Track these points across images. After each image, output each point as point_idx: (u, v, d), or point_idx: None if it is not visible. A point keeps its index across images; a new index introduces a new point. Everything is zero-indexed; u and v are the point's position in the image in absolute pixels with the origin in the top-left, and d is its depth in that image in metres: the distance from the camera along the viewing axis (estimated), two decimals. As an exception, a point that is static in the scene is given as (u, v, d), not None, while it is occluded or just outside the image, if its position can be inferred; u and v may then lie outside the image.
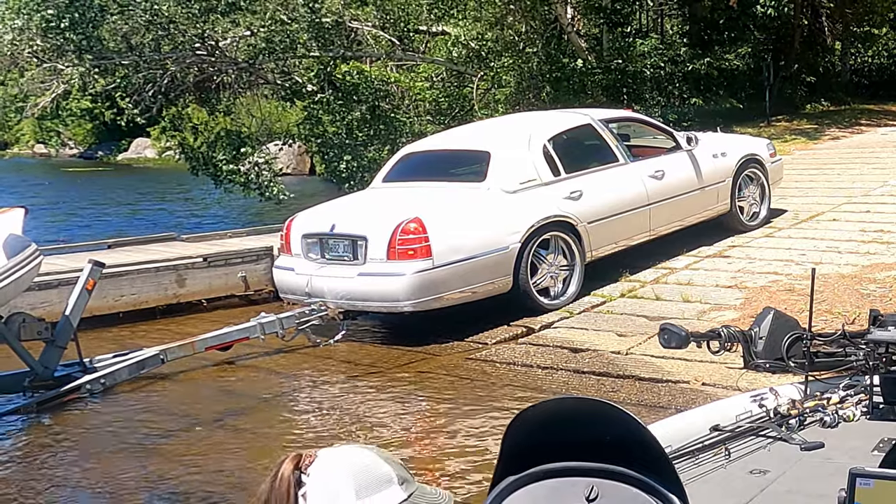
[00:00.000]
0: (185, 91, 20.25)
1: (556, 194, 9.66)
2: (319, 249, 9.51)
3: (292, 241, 9.76)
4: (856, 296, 8.83)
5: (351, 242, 9.23)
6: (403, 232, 8.85)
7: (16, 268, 7.64)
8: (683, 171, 10.85)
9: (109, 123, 41.58)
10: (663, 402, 7.20)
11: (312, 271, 9.41)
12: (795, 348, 4.01)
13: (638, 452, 2.24)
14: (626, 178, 10.32)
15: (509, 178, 9.57)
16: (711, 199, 11.17)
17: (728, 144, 11.86)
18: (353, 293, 9.12)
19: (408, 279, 8.78)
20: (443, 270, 8.86)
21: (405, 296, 8.86)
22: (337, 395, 8.24)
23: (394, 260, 8.86)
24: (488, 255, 9.07)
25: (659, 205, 10.46)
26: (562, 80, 19.05)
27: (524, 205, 9.42)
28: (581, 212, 9.70)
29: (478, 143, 10.41)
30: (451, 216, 9.30)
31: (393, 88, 19.16)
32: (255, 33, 18.64)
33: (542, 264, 9.47)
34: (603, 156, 10.39)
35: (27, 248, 7.86)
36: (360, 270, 9.07)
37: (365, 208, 9.97)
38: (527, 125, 10.88)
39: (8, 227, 8.00)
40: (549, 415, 2.23)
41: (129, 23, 18.03)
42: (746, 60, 22.13)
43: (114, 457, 7.06)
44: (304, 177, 28.62)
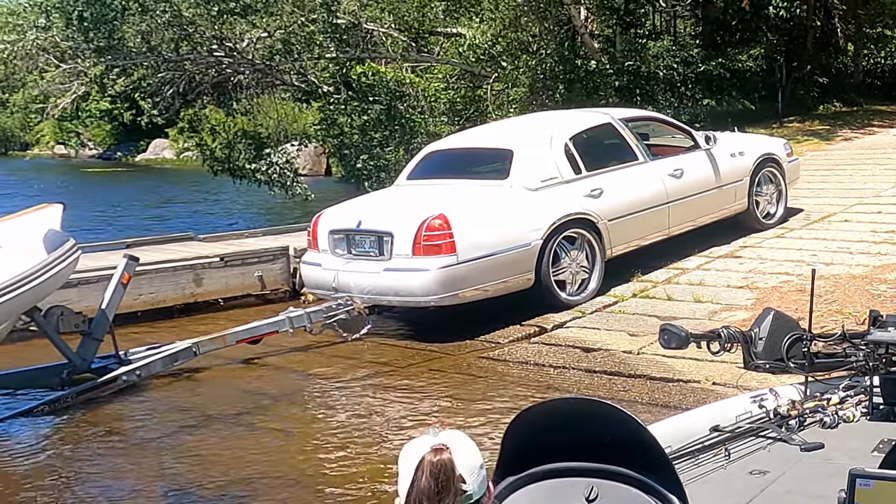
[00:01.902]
0: (202, 92, 20.39)
1: (577, 192, 9.79)
2: (346, 245, 9.67)
3: (319, 236, 9.93)
4: (866, 296, 8.85)
5: (377, 238, 9.39)
6: (429, 228, 9.00)
7: (56, 262, 7.84)
8: (702, 170, 10.97)
9: (128, 124, 41.80)
10: (674, 401, 7.23)
11: (339, 266, 9.57)
12: (795, 349, 4.01)
13: (638, 453, 2.33)
14: (645, 176, 10.44)
15: (531, 175, 9.72)
16: (729, 197, 11.28)
17: (745, 144, 11.96)
18: (379, 288, 9.27)
19: (433, 274, 8.95)
20: (467, 266, 9.01)
21: (430, 291, 9.02)
22: (349, 394, 8.30)
23: (419, 255, 9.02)
24: (511, 252, 9.21)
25: (677, 203, 10.58)
26: (575, 82, 19.07)
27: (546, 202, 9.57)
28: (601, 209, 9.83)
29: (500, 142, 10.53)
30: (474, 213, 9.43)
31: (408, 89, 19.23)
32: (272, 34, 18.76)
33: (563, 261, 9.59)
34: (623, 154, 10.52)
35: (66, 243, 8.07)
36: (386, 266, 9.23)
37: (390, 205, 10.11)
38: (548, 124, 11.01)
39: (47, 222, 8.21)
40: (549, 415, 2.32)
41: (148, 23, 18.18)
42: (759, 61, 22.10)
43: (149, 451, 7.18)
44: (320, 178, 28.70)
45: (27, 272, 7.61)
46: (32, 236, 7.96)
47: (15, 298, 7.56)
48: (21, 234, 8.03)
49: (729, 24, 21.64)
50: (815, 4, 22.71)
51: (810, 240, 11.21)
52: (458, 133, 12.34)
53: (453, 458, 2.22)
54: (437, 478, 2.20)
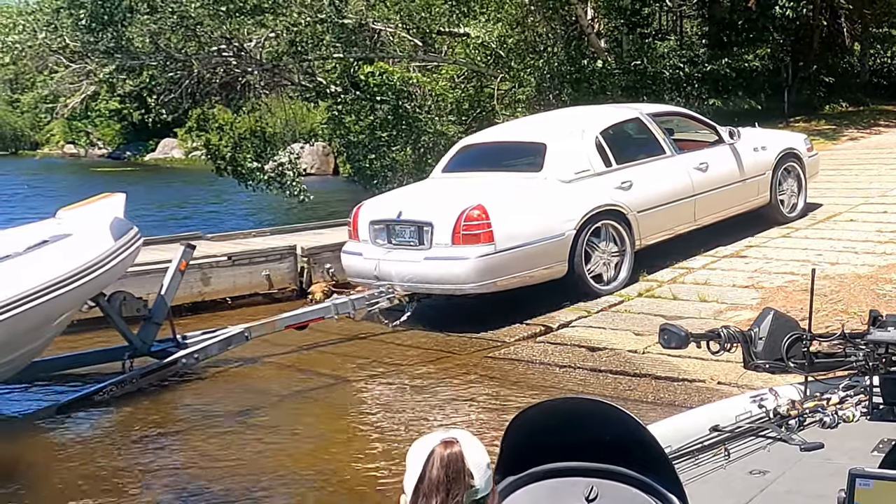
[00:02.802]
0: (210, 92, 20.43)
1: (608, 184, 10.06)
2: (386, 235, 9.94)
3: (360, 227, 10.20)
4: (872, 296, 8.86)
5: (417, 228, 9.65)
6: (468, 218, 9.28)
7: (122, 249, 8.16)
8: (726, 164, 11.24)
9: (137, 124, 41.93)
10: (679, 400, 7.26)
11: (380, 255, 9.85)
12: (795, 349, 4.01)
13: (637, 452, 2.36)
14: (672, 169, 10.71)
15: (565, 168, 9.98)
16: (752, 191, 11.55)
17: (768, 139, 12.24)
18: (420, 276, 9.54)
19: (472, 263, 9.21)
20: (504, 255, 9.28)
21: (469, 278, 9.29)
22: (354, 393, 8.36)
23: (458, 245, 9.28)
24: (546, 242, 9.48)
25: (703, 195, 10.84)
26: (582, 81, 19.08)
27: (578, 194, 9.83)
28: (631, 201, 10.10)
29: (534, 136, 10.79)
30: (511, 204, 9.67)
31: (415, 89, 19.24)
32: (279, 34, 18.78)
33: (595, 251, 9.88)
34: (651, 148, 10.79)
35: (130, 231, 8.41)
36: (426, 255, 9.49)
37: (429, 196, 10.34)
38: (580, 118, 11.30)
39: (112, 210, 8.51)
40: (549, 415, 2.35)
41: (157, 23, 18.23)
42: (765, 61, 22.05)
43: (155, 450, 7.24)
44: (328, 177, 28.74)
45: (97, 258, 7.91)
46: (100, 224, 8.25)
47: (88, 283, 7.86)
48: (89, 221, 8.28)
49: (735, 23, 21.63)
50: (822, 4, 22.68)
51: (816, 239, 11.22)
52: (491, 128, 12.61)
53: (463, 452, 2.26)
54: (448, 469, 2.23)
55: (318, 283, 11.71)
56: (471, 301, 10.10)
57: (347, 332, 9.97)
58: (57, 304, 7.67)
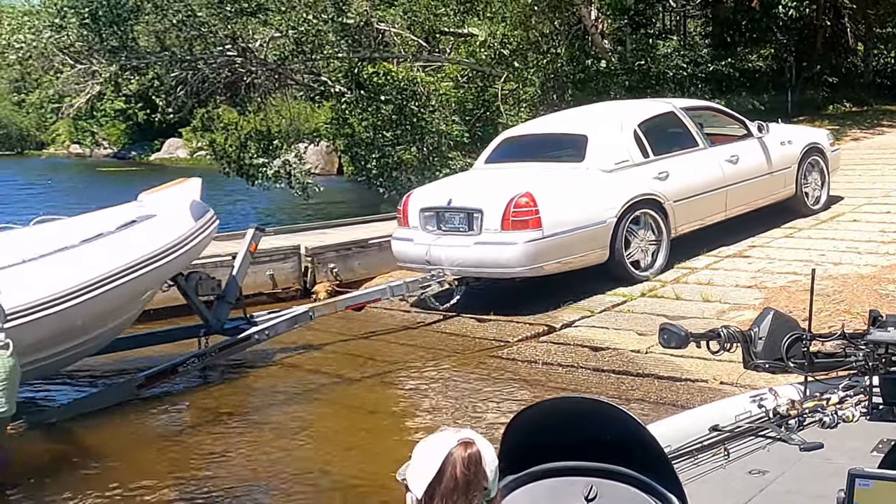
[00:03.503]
0: (215, 92, 20.46)
1: (646, 174, 10.43)
2: (436, 222, 10.32)
3: (410, 214, 10.59)
4: (875, 296, 8.85)
5: (467, 215, 10.02)
6: (517, 205, 9.62)
7: (201, 230, 8.60)
8: (755, 157, 11.63)
9: (143, 124, 41.94)
10: (682, 400, 7.27)
11: (431, 241, 10.24)
12: (795, 349, 4.02)
13: (637, 452, 2.37)
14: (705, 161, 11.09)
15: (605, 158, 10.35)
16: (779, 183, 11.95)
17: (793, 133, 12.73)
18: (470, 261, 9.95)
19: (520, 248, 9.57)
20: (551, 240, 9.65)
21: (518, 263, 9.67)
22: (358, 392, 8.37)
23: (507, 230, 9.64)
24: (589, 228, 9.87)
25: (734, 187, 11.24)
26: (586, 81, 19.08)
27: (619, 183, 10.21)
28: (667, 191, 10.49)
29: (575, 128, 11.16)
30: (557, 191, 9.99)
31: (419, 89, 19.25)
32: (284, 34, 18.81)
33: (634, 238, 10.25)
34: (685, 141, 11.17)
35: (207, 213, 8.83)
36: (476, 240, 9.87)
37: (478, 185, 10.68)
38: (618, 112, 11.74)
39: (191, 194, 8.94)
40: (548, 414, 2.36)
41: (162, 23, 18.26)
42: (768, 61, 22.05)
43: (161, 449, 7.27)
44: (331, 177, 28.71)
45: (181, 238, 8.35)
46: (181, 206, 8.68)
47: (173, 261, 8.30)
48: (171, 204, 8.71)
49: (739, 23, 21.61)
50: (825, 4, 22.66)
51: (819, 239, 11.24)
52: (530, 121, 13.03)
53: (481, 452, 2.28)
54: (469, 470, 2.25)
55: (322, 282, 11.75)
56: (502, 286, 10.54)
57: (349, 331, 10.01)
58: (146, 279, 8.14)
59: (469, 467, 2.25)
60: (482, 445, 2.31)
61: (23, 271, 7.47)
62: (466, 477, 2.25)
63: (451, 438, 2.31)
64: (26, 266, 7.56)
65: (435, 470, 2.27)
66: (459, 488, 2.24)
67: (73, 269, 7.59)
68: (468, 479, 2.25)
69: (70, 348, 7.94)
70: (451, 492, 2.24)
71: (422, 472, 2.30)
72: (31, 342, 7.17)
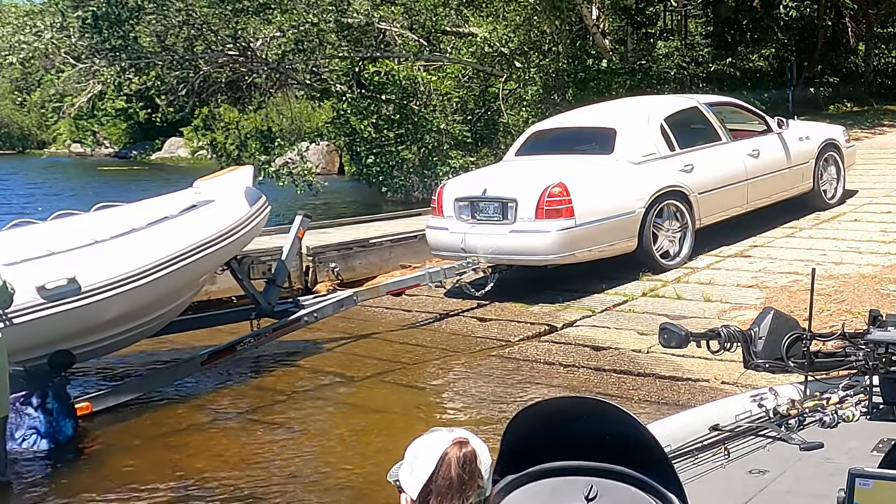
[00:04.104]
0: (217, 91, 20.48)
1: (673, 167, 10.73)
2: (470, 211, 10.60)
3: (445, 204, 10.86)
4: (876, 296, 8.85)
5: (501, 205, 10.30)
6: (550, 195, 9.90)
7: (256, 214, 8.94)
8: (775, 152, 11.94)
9: (144, 123, 41.98)
10: (683, 399, 7.26)
11: (466, 230, 10.51)
12: (795, 348, 4.02)
13: (637, 452, 2.37)
14: (728, 155, 11.41)
15: (634, 151, 10.66)
16: (798, 177, 12.27)
17: (810, 129, 13.03)
18: (505, 248, 10.22)
19: (553, 236, 9.85)
20: (583, 229, 9.94)
21: (551, 250, 9.96)
22: (359, 392, 8.38)
23: (541, 219, 9.92)
24: (619, 218, 10.17)
25: (755, 180, 11.54)
26: (587, 81, 19.10)
27: (647, 175, 10.50)
28: (692, 183, 10.78)
29: (604, 121, 11.44)
30: (588, 182, 10.29)
31: (421, 88, 19.28)
32: (285, 33, 18.83)
33: (661, 229, 10.57)
34: (708, 135, 11.48)
35: (261, 199, 9.18)
36: (511, 228, 10.14)
37: (511, 176, 10.93)
38: (645, 106, 12.08)
39: (245, 180, 9.33)
40: (548, 414, 2.36)
41: (163, 22, 18.28)
42: (769, 61, 22.07)
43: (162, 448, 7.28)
44: (332, 176, 28.71)
45: (238, 221, 8.66)
46: (237, 192, 9.02)
47: (232, 243, 8.62)
48: (227, 190, 9.04)
49: (740, 23, 21.62)
50: (826, 4, 22.67)
51: (820, 239, 11.25)
52: (556, 116, 13.26)
53: (476, 451, 2.28)
54: (464, 470, 2.24)
55: (324, 281, 11.76)
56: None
57: (350, 331, 10.01)
58: (207, 261, 8.46)
59: (464, 466, 2.25)
60: (476, 444, 2.31)
61: (97, 251, 7.80)
62: (462, 476, 2.24)
63: (445, 438, 2.31)
64: (100, 246, 7.89)
65: (430, 470, 2.26)
66: (455, 487, 2.24)
67: (143, 250, 7.92)
68: (463, 479, 2.24)
69: (136, 326, 8.24)
70: (447, 491, 2.24)
71: (416, 472, 2.29)
72: (105, 319, 7.63)
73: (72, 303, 7.29)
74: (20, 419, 6.93)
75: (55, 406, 7.09)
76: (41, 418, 7.02)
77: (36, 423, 7.01)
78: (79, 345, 7.58)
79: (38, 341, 7.18)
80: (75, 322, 7.39)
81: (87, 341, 7.70)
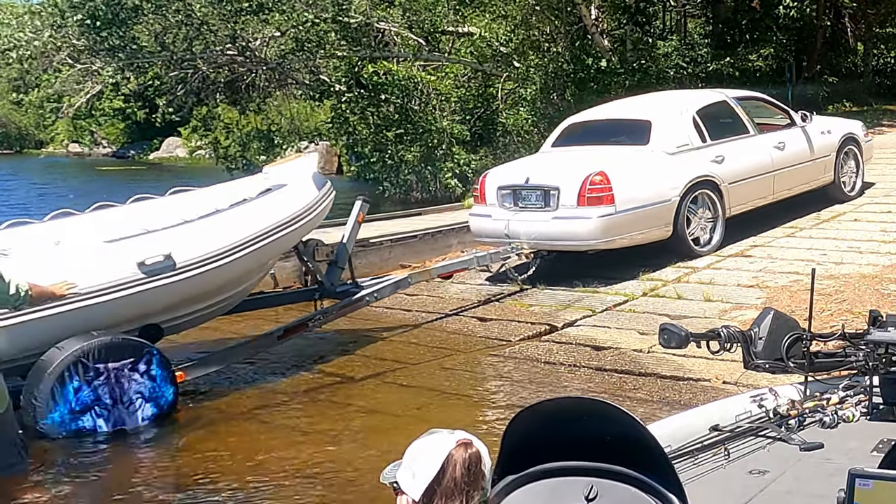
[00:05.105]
0: (216, 91, 20.49)
1: (705, 157, 11.14)
2: (512, 199, 10.98)
3: (487, 192, 11.27)
4: (877, 296, 8.87)
5: (543, 192, 10.69)
6: (592, 183, 10.30)
7: (323, 198, 9.33)
8: (800, 145, 12.34)
9: (142, 123, 41.98)
10: (684, 399, 7.26)
11: (509, 217, 10.90)
12: (795, 349, 4.01)
13: (637, 452, 2.37)
14: (756, 147, 11.81)
15: (668, 142, 11.06)
16: (819, 170, 12.67)
17: (831, 124, 13.53)
18: (547, 234, 10.61)
19: (595, 222, 10.25)
20: (622, 216, 10.34)
21: (593, 236, 10.38)
22: (361, 392, 8.37)
23: (583, 206, 10.32)
24: (655, 206, 10.57)
25: (781, 172, 11.93)
26: (586, 81, 19.11)
27: (681, 165, 10.90)
28: (723, 173, 11.18)
29: (639, 114, 11.84)
30: (627, 171, 10.66)
31: (420, 87, 19.28)
32: (284, 33, 18.83)
33: (694, 217, 10.94)
34: (737, 128, 11.89)
35: (327, 184, 9.61)
36: (553, 215, 10.51)
37: (552, 165, 11.30)
38: (677, 100, 12.59)
39: (311, 166, 9.77)
40: (548, 414, 2.36)
41: (162, 23, 18.28)
42: (769, 61, 22.06)
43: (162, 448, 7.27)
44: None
45: (309, 205, 9.05)
46: (306, 177, 9.41)
47: (304, 226, 9.03)
48: (297, 175, 9.40)
49: (739, 23, 21.63)
50: (826, 4, 22.68)
51: (820, 239, 11.26)
52: (591, 109, 13.49)
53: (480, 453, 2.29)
54: (469, 471, 2.26)
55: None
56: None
57: (350, 331, 10.01)
58: (283, 241, 8.89)
59: (470, 468, 2.26)
60: (479, 446, 2.31)
61: (188, 230, 8.24)
62: (467, 478, 2.25)
63: (448, 439, 2.31)
64: (190, 225, 8.33)
65: (434, 471, 2.27)
66: (460, 489, 2.25)
67: (229, 229, 8.35)
68: (468, 481, 2.25)
69: (218, 302, 8.65)
70: (452, 493, 2.24)
71: (419, 473, 2.29)
72: (194, 294, 8.08)
73: (167, 278, 7.75)
74: (128, 385, 7.35)
75: (158, 373, 7.51)
76: (146, 384, 7.45)
77: (142, 388, 7.44)
78: (166, 319, 8.04)
79: (136, 314, 7.71)
80: (169, 296, 7.86)
81: (174, 315, 8.15)
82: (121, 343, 7.34)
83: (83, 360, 7.09)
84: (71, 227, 8.68)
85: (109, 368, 7.19)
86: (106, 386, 7.22)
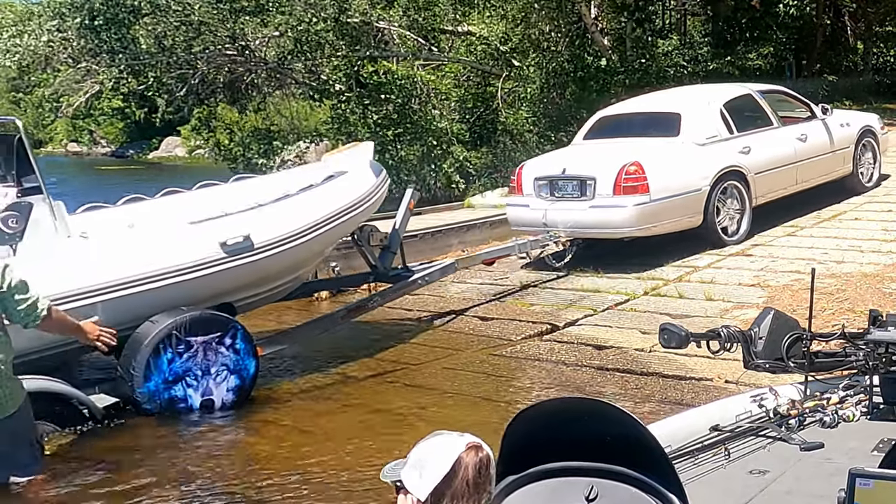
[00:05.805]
0: (215, 91, 20.48)
1: (733, 148, 11.44)
2: (549, 189, 11.29)
3: (524, 183, 11.59)
4: (878, 295, 8.86)
5: (579, 183, 10.99)
6: (627, 173, 10.60)
7: (381, 185, 9.67)
8: (821, 136, 12.64)
9: (141, 122, 41.95)
10: (686, 398, 7.26)
11: (546, 206, 11.20)
12: (795, 348, 4.01)
13: (637, 452, 2.37)
14: (780, 139, 12.12)
15: (698, 133, 11.37)
16: (839, 161, 12.94)
17: (849, 117, 13.88)
18: (584, 223, 10.93)
19: (630, 210, 10.55)
20: (656, 204, 10.63)
21: (628, 224, 10.69)
22: (362, 392, 8.37)
23: (619, 195, 10.61)
24: (687, 195, 10.87)
25: (803, 163, 12.24)
26: (586, 79, 19.09)
27: (710, 156, 11.22)
28: (750, 164, 11.47)
29: (669, 107, 12.17)
30: (660, 161, 10.93)
31: (419, 87, 19.27)
32: (283, 34, 18.82)
33: (723, 206, 11.23)
34: (762, 120, 12.22)
35: (383, 171, 10.00)
36: (590, 204, 10.82)
37: (587, 156, 11.59)
38: (704, 93, 12.93)
39: (366, 155, 10.04)
40: (549, 415, 2.37)
41: (161, 24, 18.27)
42: (768, 59, 22.03)
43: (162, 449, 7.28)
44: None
45: (368, 191, 9.38)
46: (364, 164, 9.74)
47: (364, 210, 9.33)
48: (355, 162, 9.73)
49: (739, 22, 21.60)
50: (825, 3, 22.65)
51: (821, 238, 11.25)
52: (621, 102, 13.82)
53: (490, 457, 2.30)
54: (481, 475, 2.27)
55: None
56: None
57: (351, 330, 10.01)
58: (346, 225, 9.24)
59: (481, 471, 2.27)
60: (488, 450, 2.33)
61: (263, 213, 8.61)
62: (478, 481, 2.26)
63: (458, 442, 2.31)
64: (265, 209, 8.70)
65: (443, 473, 2.26)
66: (470, 492, 2.25)
67: (299, 212, 8.71)
68: (479, 483, 2.26)
69: (284, 283, 8.98)
70: (461, 495, 2.25)
71: (427, 474, 2.28)
72: (268, 274, 8.47)
73: (247, 257, 8.12)
74: (214, 357, 7.75)
75: (242, 346, 7.89)
76: (231, 357, 7.83)
77: (227, 360, 7.82)
78: (239, 298, 8.41)
79: (215, 292, 8.08)
80: (246, 276, 8.23)
81: (247, 294, 8.52)
82: (209, 317, 7.79)
83: (176, 333, 7.54)
84: (144, 210, 9.24)
85: (198, 341, 7.65)
86: (195, 358, 7.65)
